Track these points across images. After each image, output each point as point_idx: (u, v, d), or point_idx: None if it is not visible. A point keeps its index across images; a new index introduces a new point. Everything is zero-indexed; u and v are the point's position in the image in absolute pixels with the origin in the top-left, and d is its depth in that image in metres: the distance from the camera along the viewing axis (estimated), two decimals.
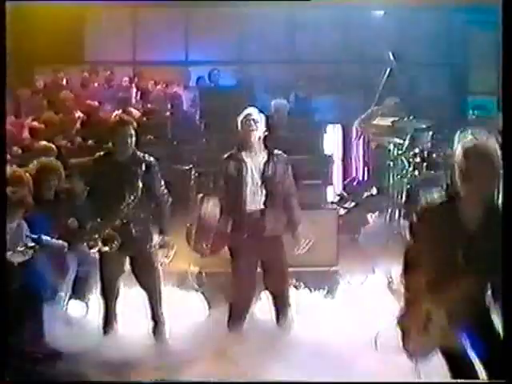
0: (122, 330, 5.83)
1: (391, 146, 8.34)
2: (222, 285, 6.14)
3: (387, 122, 8.50)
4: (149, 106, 10.72)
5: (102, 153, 5.84)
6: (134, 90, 11.35)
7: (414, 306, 3.67)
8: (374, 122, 8.71)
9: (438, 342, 3.62)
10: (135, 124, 5.79)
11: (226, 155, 5.59)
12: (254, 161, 5.60)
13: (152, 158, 5.79)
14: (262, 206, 5.55)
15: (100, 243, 5.56)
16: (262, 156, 5.61)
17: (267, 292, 5.77)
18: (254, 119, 5.56)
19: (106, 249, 5.56)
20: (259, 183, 5.54)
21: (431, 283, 3.59)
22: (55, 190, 6.26)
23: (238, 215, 5.54)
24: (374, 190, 8.96)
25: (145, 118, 9.91)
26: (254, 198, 5.55)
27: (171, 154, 8.80)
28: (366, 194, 9.03)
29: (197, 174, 8.04)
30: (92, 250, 5.68)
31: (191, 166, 8.36)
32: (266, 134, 5.63)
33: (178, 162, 8.65)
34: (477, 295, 3.59)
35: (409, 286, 3.75)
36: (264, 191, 5.55)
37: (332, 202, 8.36)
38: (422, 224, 3.76)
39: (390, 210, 8.21)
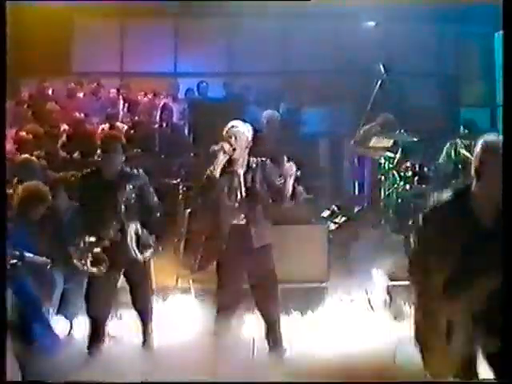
0: (109, 349, 5.77)
1: (382, 160, 8.48)
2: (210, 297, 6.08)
3: (386, 142, 8.55)
4: (136, 118, 10.74)
5: (89, 170, 5.84)
6: (122, 101, 11.26)
7: (430, 317, 3.48)
8: (372, 144, 8.70)
9: (464, 352, 3.45)
10: (124, 140, 5.81)
11: (216, 168, 5.54)
12: (241, 171, 5.66)
13: (141, 171, 5.80)
14: (247, 218, 5.57)
15: (88, 264, 5.53)
16: (245, 167, 5.68)
17: (257, 311, 5.72)
18: (236, 132, 5.59)
19: (94, 270, 5.54)
20: (243, 194, 5.60)
21: (448, 288, 3.45)
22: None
23: (225, 229, 5.55)
24: (366, 204, 9.02)
25: (132, 131, 9.94)
26: (240, 210, 5.59)
27: (159, 167, 8.79)
28: (357, 209, 9.05)
29: (185, 189, 8.07)
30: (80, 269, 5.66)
31: (179, 180, 8.37)
32: (250, 145, 5.65)
33: (165, 175, 8.63)
34: (497, 293, 3.38)
35: (422, 297, 3.56)
36: (248, 202, 5.59)
37: (322, 217, 8.32)
38: (431, 225, 3.60)
39: (381, 225, 8.24)
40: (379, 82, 8.98)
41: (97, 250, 5.53)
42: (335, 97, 10.77)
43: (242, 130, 5.67)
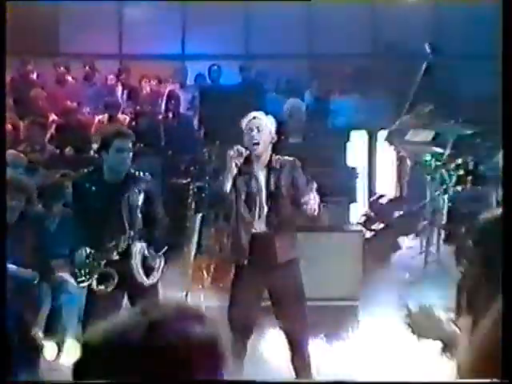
0: None
1: (428, 157, 8.32)
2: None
3: (424, 136, 8.47)
4: (138, 108, 10.73)
5: (87, 169, 5.80)
6: (120, 88, 11.32)
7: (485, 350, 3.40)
8: (408, 138, 8.65)
9: None
10: (134, 137, 5.78)
11: (232, 165, 5.56)
12: (262, 173, 5.69)
13: (149, 177, 5.74)
14: (269, 227, 5.62)
15: (94, 280, 5.50)
16: (267, 167, 5.71)
17: (281, 332, 5.69)
18: (259, 124, 5.64)
19: (102, 288, 5.50)
20: (266, 201, 5.63)
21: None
22: (21, 211, 6.16)
23: (244, 239, 5.61)
24: (408, 209, 8.94)
25: (134, 123, 9.92)
26: (261, 218, 5.63)
27: (165, 165, 8.82)
28: (397, 214, 9.03)
29: (195, 190, 8.04)
30: (81, 285, 5.63)
31: (189, 180, 8.36)
32: (274, 141, 5.69)
33: (173, 175, 8.63)
34: None
35: (479, 325, 3.46)
36: (271, 209, 5.64)
37: (357, 223, 8.26)
38: (483, 245, 3.45)
39: (426, 233, 8.16)
40: (424, 66, 8.93)
41: (102, 264, 5.49)
42: (370, 84, 10.70)
43: (265, 123, 5.69)
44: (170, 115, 9.89)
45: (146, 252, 5.59)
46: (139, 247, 5.55)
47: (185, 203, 8.04)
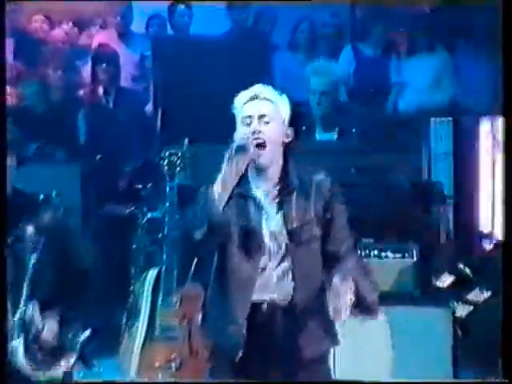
0: None
1: None
2: None
3: None
4: (34, 73, 10.57)
5: None
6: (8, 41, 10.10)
7: None
8: None
9: None
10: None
11: (238, 166, 5.35)
12: (270, 198, 5.54)
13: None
14: (287, 294, 5.46)
15: None
16: (279, 186, 5.60)
17: None
18: (265, 111, 5.47)
19: None
20: (276, 244, 5.51)
21: None
22: None
23: (238, 315, 5.49)
24: None
25: (24, 102, 10.02)
26: (269, 277, 5.47)
27: (89, 180, 8.86)
28: None
29: (146, 225, 8.15)
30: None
31: (133, 207, 8.40)
32: (290, 139, 5.54)
33: (104, 198, 8.83)
34: None
35: None
36: (286, 259, 5.49)
37: (438, 289, 8.22)
38: None
39: None
40: None
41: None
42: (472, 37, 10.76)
43: (276, 107, 5.53)
44: (100, 90, 9.98)
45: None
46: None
47: (126, 250, 8.09)
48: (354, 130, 8.43)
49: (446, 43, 10.31)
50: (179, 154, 7.73)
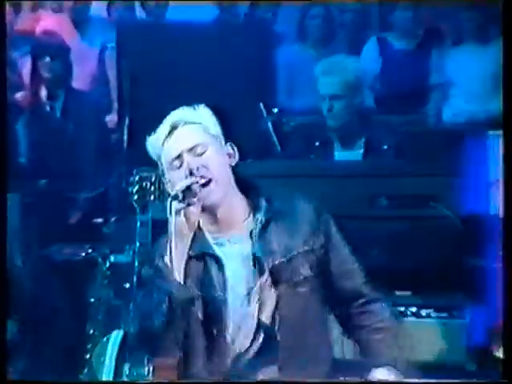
0: None
1: None
2: None
3: None
4: None
5: None
6: None
7: None
8: None
9: None
10: None
11: (185, 224, 5.50)
12: (240, 251, 5.69)
13: None
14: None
15: None
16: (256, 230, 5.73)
17: None
18: (194, 143, 5.61)
19: None
20: (254, 322, 5.64)
21: None
22: None
23: None
24: None
25: None
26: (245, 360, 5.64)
27: (32, 207, 9.08)
28: None
29: (108, 272, 8.36)
30: None
31: (90, 249, 8.55)
32: (235, 158, 5.75)
33: (44, 239, 8.87)
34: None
35: None
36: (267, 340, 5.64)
37: (499, 361, 7.52)
38: None
39: None
40: None
41: None
42: None
43: (202, 127, 5.66)
44: (43, 93, 10.02)
45: None
46: None
47: (81, 305, 8.40)
48: (385, 147, 8.37)
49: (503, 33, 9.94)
50: (153, 179, 7.23)
